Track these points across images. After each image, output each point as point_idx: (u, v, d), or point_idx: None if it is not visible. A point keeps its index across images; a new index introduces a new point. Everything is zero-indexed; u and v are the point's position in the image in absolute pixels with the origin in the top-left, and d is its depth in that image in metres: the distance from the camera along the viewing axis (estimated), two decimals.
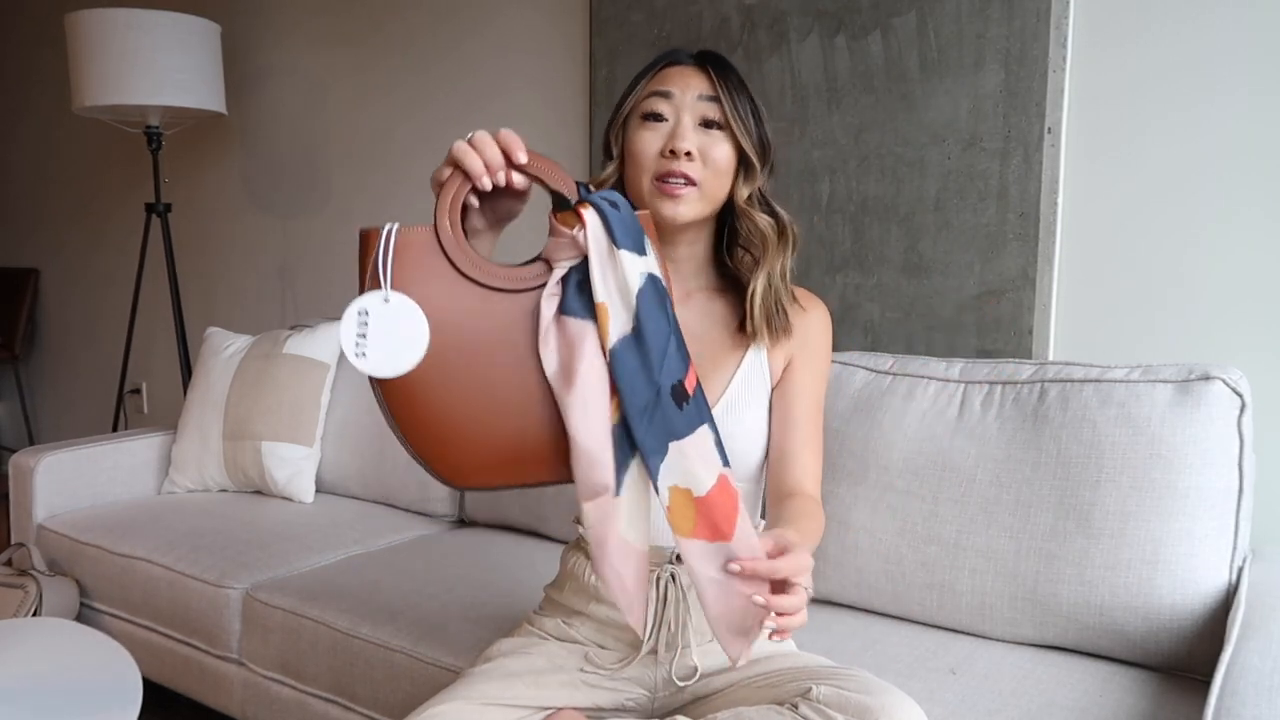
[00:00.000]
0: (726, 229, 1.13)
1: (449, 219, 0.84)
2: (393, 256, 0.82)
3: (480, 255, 0.86)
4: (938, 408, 1.46)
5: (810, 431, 1.13)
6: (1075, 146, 1.61)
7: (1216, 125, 1.50)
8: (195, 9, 2.62)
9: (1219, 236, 1.51)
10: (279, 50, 2.79)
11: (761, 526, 1.11)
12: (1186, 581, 1.26)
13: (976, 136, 1.66)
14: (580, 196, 0.87)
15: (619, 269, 0.85)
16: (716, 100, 1.04)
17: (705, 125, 1.04)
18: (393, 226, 0.82)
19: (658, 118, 1.04)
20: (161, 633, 1.79)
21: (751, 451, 1.10)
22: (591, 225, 0.85)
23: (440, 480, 0.87)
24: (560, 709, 1.02)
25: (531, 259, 0.89)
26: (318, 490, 2.17)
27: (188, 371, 2.74)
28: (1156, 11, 1.53)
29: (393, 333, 0.82)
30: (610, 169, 1.08)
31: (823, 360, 1.17)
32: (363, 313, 0.81)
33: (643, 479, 0.87)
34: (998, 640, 1.38)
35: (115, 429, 2.90)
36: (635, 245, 0.86)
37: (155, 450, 2.24)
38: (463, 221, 0.86)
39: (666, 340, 0.85)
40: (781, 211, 1.10)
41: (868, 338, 1.81)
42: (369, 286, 0.82)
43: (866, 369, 1.56)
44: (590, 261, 0.85)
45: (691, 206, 1.04)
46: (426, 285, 0.83)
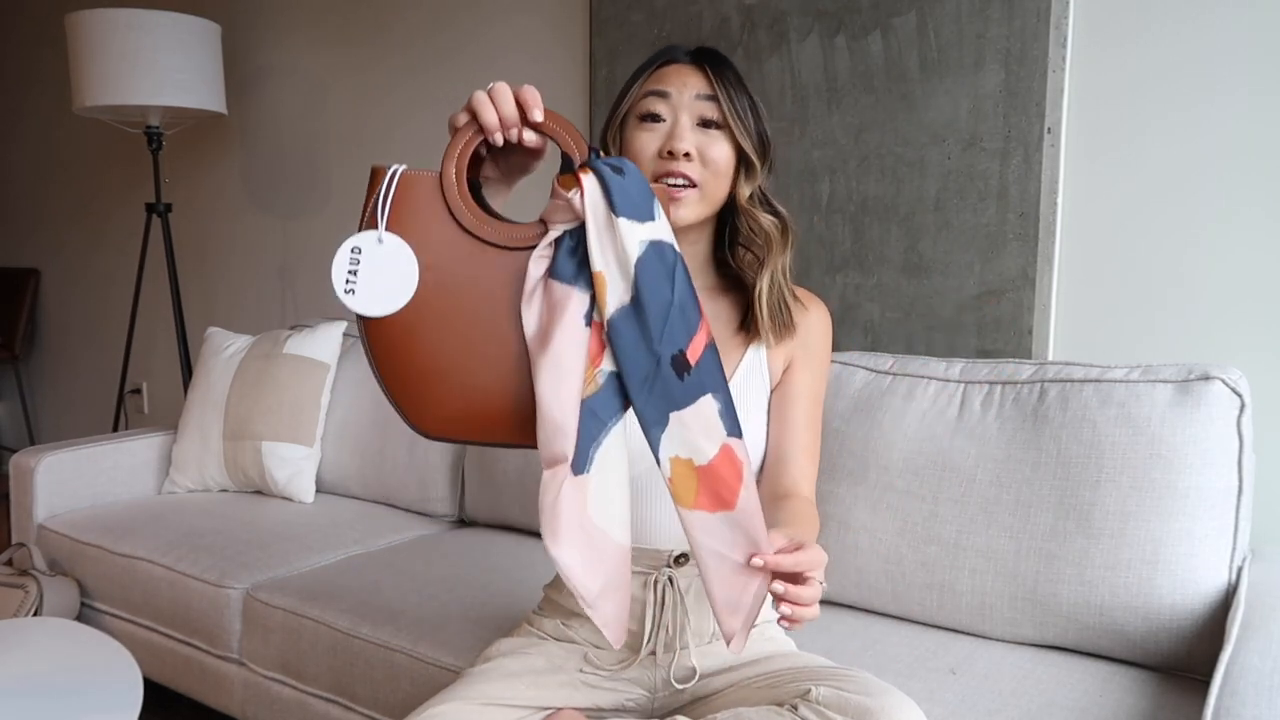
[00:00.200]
0: (727, 228, 1.13)
1: (455, 167, 0.83)
2: (394, 197, 0.82)
3: (481, 205, 0.84)
4: (938, 408, 1.46)
5: (808, 434, 1.13)
6: (1075, 146, 1.61)
7: (1216, 125, 1.50)
8: (195, 9, 2.62)
9: (1219, 236, 1.51)
10: (279, 50, 2.79)
11: None
12: (1186, 581, 1.26)
13: (976, 136, 1.66)
14: (587, 161, 0.85)
15: (617, 237, 0.82)
16: (714, 99, 1.04)
17: (703, 125, 1.04)
18: (399, 168, 0.82)
19: (655, 118, 1.04)
20: (162, 633, 1.79)
21: (750, 452, 1.10)
22: (590, 191, 0.82)
23: (410, 426, 0.85)
24: (560, 709, 1.02)
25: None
26: (318, 490, 2.17)
27: (188, 371, 2.74)
28: (1156, 11, 1.53)
29: (383, 272, 0.81)
30: None
31: (823, 360, 1.17)
32: (355, 250, 0.81)
33: (619, 461, 0.84)
34: (998, 640, 1.38)
35: (115, 429, 2.91)
36: (638, 212, 0.83)
37: (155, 450, 2.24)
38: (476, 167, 0.85)
39: (667, 310, 0.83)
40: (782, 209, 1.10)
41: (868, 338, 1.81)
42: (367, 225, 0.82)
43: (866, 369, 1.56)
44: (587, 230, 0.82)
45: (692, 208, 1.04)
46: (423, 230, 0.82)
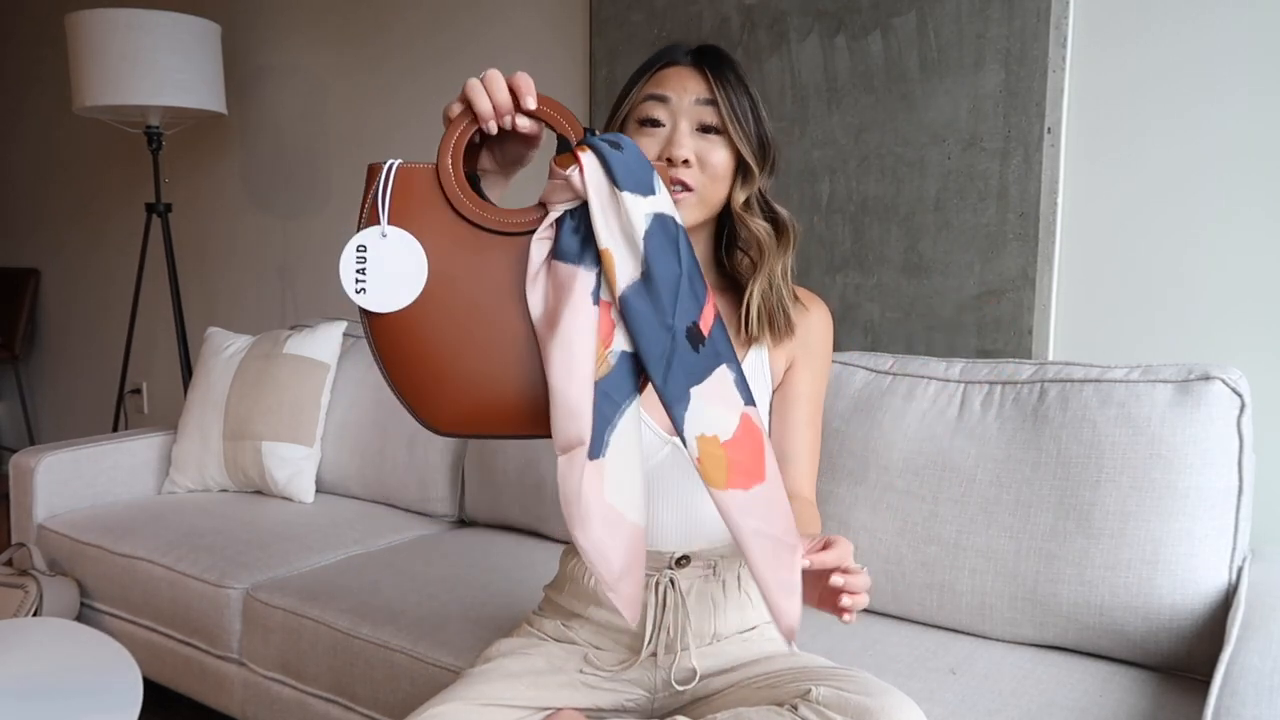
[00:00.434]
0: (726, 229, 1.13)
1: (451, 156, 0.82)
2: (393, 192, 0.81)
3: (480, 196, 0.84)
4: (938, 408, 1.46)
5: (809, 435, 1.13)
6: (1075, 146, 1.61)
7: (1216, 125, 1.50)
8: (195, 9, 2.62)
9: (1219, 236, 1.51)
10: (279, 50, 2.79)
11: None
12: (1186, 581, 1.26)
13: (976, 136, 1.66)
14: (584, 140, 0.83)
15: (622, 211, 0.80)
16: (714, 104, 1.03)
17: (703, 130, 1.03)
18: (395, 162, 0.82)
19: (654, 123, 1.03)
20: (162, 633, 1.79)
21: None
22: (589, 168, 0.81)
23: (421, 423, 0.84)
24: (560, 709, 1.02)
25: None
26: (318, 490, 2.17)
27: (188, 371, 2.74)
28: (1156, 11, 1.53)
29: (391, 266, 0.81)
30: None
31: (823, 361, 1.17)
32: (361, 248, 0.81)
33: (633, 443, 0.82)
34: (998, 640, 1.38)
35: (115, 429, 2.90)
36: (640, 186, 0.81)
37: (155, 450, 2.24)
38: (473, 160, 0.85)
39: (677, 281, 0.82)
40: (781, 211, 1.09)
41: (868, 338, 1.81)
42: (367, 221, 0.81)
43: (866, 369, 1.57)
44: (590, 207, 0.80)
45: (689, 213, 1.03)
46: (423, 222, 0.82)
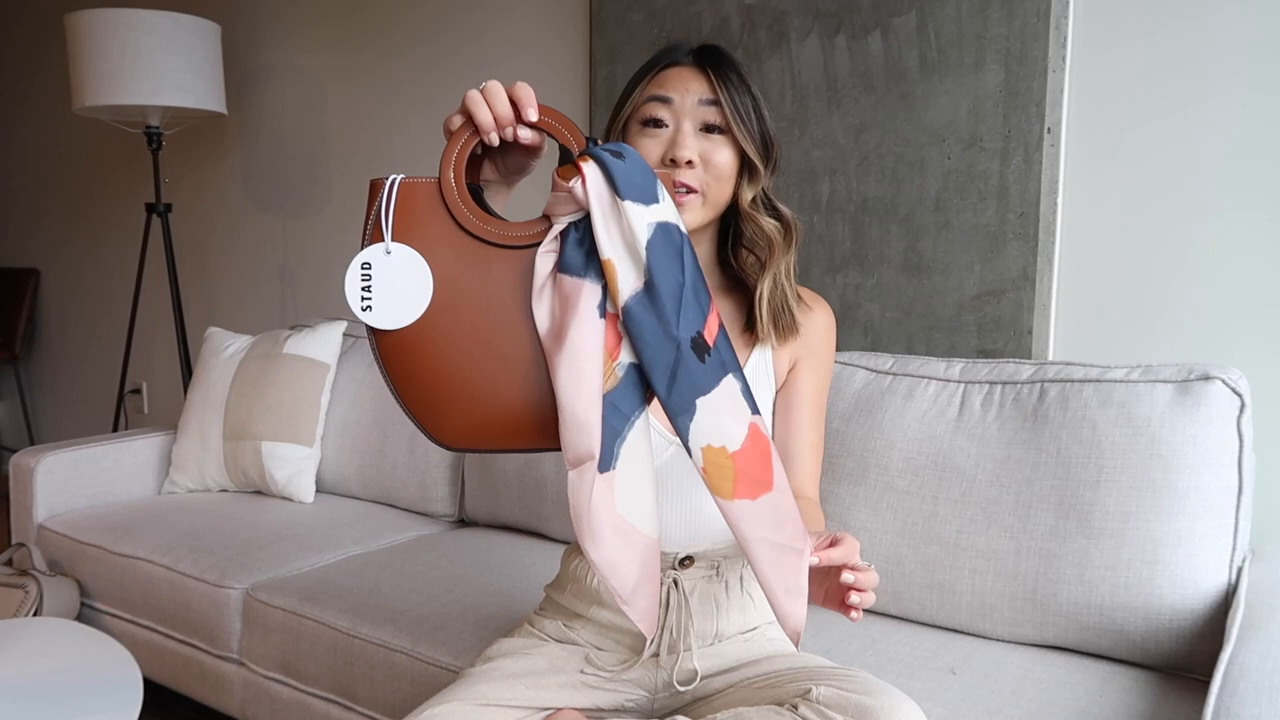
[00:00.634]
0: (730, 230, 1.13)
1: (453, 170, 0.82)
2: (395, 208, 0.81)
3: (483, 209, 0.83)
4: (938, 408, 1.46)
5: (812, 435, 1.13)
6: (1075, 146, 1.61)
7: (1216, 125, 1.50)
8: (195, 9, 2.62)
9: (1219, 236, 1.51)
10: (279, 50, 2.79)
11: None
12: (1186, 581, 1.26)
13: (976, 136, 1.66)
14: (586, 150, 0.83)
15: (624, 221, 0.80)
16: (717, 104, 1.03)
17: (706, 130, 1.03)
18: (396, 178, 0.82)
19: (658, 124, 1.03)
20: (162, 632, 1.79)
21: None
22: (591, 178, 0.80)
23: (432, 440, 0.83)
24: (560, 709, 1.02)
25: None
26: (318, 490, 2.17)
27: (188, 371, 2.74)
28: (1156, 11, 1.53)
29: (397, 283, 0.80)
30: None
31: (827, 361, 1.17)
32: (365, 265, 0.80)
33: (644, 454, 0.82)
34: (998, 640, 1.38)
35: (115, 429, 2.91)
36: (643, 195, 0.81)
37: (155, 450, 2.24)
38: (475, 171, 0.85)
39: (680, 290, 0.81)
40: (785, 210, 1.09)
41: (868, 338, 1.81)
42: (371, 239, 0.81)
43: (866, 369, 1.57)
44: (593, 217, 0.80)
45: (695, 214, 1.03)
46: (426, 237, 0.81)
